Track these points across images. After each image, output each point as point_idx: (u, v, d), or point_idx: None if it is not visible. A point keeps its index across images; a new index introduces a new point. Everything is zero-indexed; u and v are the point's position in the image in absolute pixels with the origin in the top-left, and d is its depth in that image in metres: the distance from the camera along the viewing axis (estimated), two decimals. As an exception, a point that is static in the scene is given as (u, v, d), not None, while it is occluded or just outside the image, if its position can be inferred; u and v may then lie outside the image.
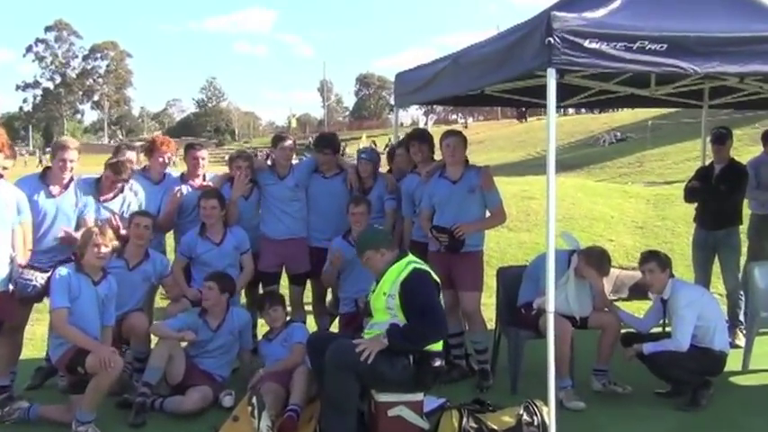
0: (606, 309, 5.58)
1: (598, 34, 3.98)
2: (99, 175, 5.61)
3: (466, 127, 52.99)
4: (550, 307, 4.28)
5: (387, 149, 8.32)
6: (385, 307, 4.45)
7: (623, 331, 5.52)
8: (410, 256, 4.63)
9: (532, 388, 4.86)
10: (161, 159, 6.04)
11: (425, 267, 4.56)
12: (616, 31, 4.02)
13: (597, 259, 5.47)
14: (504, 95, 6.58)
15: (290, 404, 4.81)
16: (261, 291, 6.20)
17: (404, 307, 4.36)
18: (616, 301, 6.88)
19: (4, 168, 5.11)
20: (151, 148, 6.09)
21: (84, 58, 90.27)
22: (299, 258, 6.18)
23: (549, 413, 4.37)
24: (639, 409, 5.13)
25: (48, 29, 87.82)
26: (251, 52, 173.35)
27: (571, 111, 43.05)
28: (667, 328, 5.40)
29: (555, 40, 3.89)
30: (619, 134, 36.84)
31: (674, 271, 5.50)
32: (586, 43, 3.95)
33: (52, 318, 4.72)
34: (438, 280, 4.56)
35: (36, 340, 6.44)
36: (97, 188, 5.56)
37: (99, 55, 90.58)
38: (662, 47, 4.04)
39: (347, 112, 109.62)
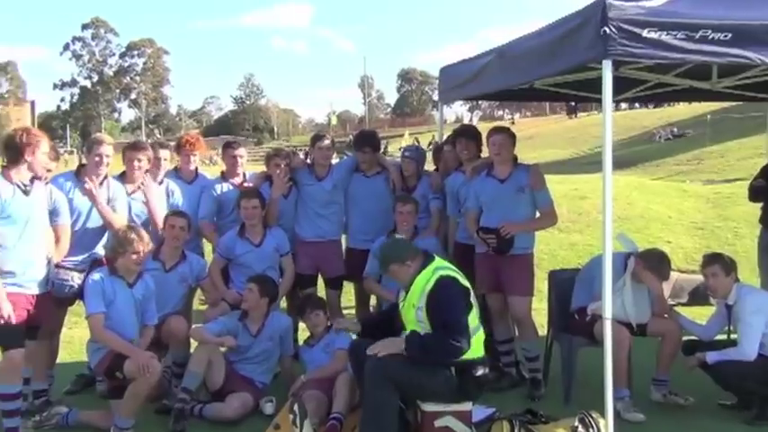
0: (666, 315, 5.34)
1: (657, 23, 3.81)
2: (122, 171, 5.55)
3: (513, 123, 52.46)
4: (608, 313, 4.13)
5: (430, 147, 8.15)
6: (415, 319, 4.31)
7: (684, 339, 5.27)
8: (437, 261, 4.44)
9: (587, 398, 4.72)
10: (187, 158, 5.98)
11: (453, 273, 4.38)
12: (677, 19, 3.85)
13: (656, 262, 5.22)
14: (553, 89, 6.34)
15: (333, 412, 4.70)
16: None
17: (429, 319, 4.23)
18: (675, 306, 6.60)
19: (48, 171, 5.10)
20: (178, 146, 6.06)
21: (121, 56, 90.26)
22: (333, 262, 6.08)
23: (606, 426, 4.20)
24: (703, 422, 4.90)
25: (84, 26, 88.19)
26: (289, 48, 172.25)
27: (624, 105, 42.27)
28: (732, 336, 5.14)
29: (611, 29, 3.75)
30: (675, 129, 36.05)
31: (738, 275, 5.20)
32: (645, 33, 3.80)
33: (89, 323, 4.70)
34: (468, 285, 4.39)
35: (74, 344, 6.46)
36: (123, 182, 5.48)
37: (136, 52, 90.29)
38: (726, 36, 3.85)
39: (389, 109, 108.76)
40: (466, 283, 4.39)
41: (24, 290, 4.39)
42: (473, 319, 4.30)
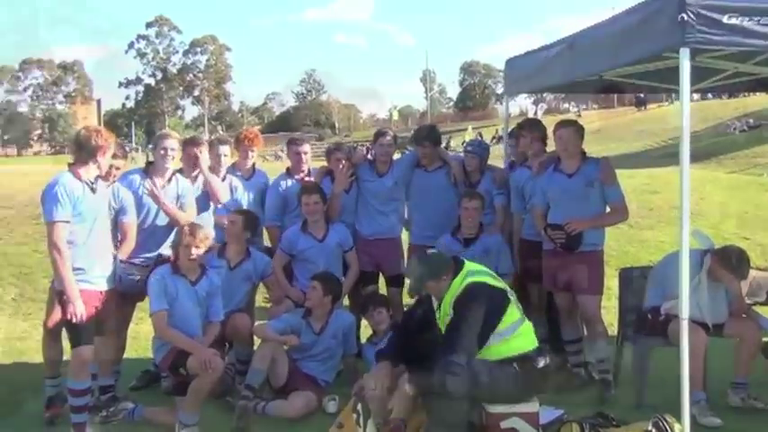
0: (744, 315, 5.11)
1: (739, 8, 3.63)
2: (179, 168, 5.59)
3: (579, 116, 51.22)
4: (684, 313, 3.95)
5: (493, 141, 8.00)
6: None
7: (764, 340, 5.04)
8: (467, 266, 4.34)
9: (659, 400, 4.59)
10: (246, 153, 6.01)
11: (482, 278, 4.28)
12: (760, 4, 3.65)
13: (735, 260, 4.99)
14: (624, 80, 6.10)
15: (397, 411, 4.61)
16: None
17: None
18: (752, 305, 6.29)
19: (117, 168, 5.20)
20: (237, 142, 6.11)
21: (185, 54, 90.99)
22: (393, 259, 6.03)
23: (681, 431, 4.04)
24: (784, 428, 4.68)
25: (149, 25, 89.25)
26: (351, 42, 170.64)
27: (696, 96, 40.85)
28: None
29: (689, 16, 3.58)
30: (751, 121, 34.70)
31: (824, 272, 4.96)
32: (725, 19, 3.62)
33: (152, 321, 4.76)
34: (502, 286, 4.31)
35: (140, 339, 6.52)
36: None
37: (199, 50, 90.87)
38: (815, 20, 3.62)
39: (451, 103, 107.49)
40: (499, 284, 4.31)
41: (93, 286, 4.47)
42: (512, 314, 4.23)
